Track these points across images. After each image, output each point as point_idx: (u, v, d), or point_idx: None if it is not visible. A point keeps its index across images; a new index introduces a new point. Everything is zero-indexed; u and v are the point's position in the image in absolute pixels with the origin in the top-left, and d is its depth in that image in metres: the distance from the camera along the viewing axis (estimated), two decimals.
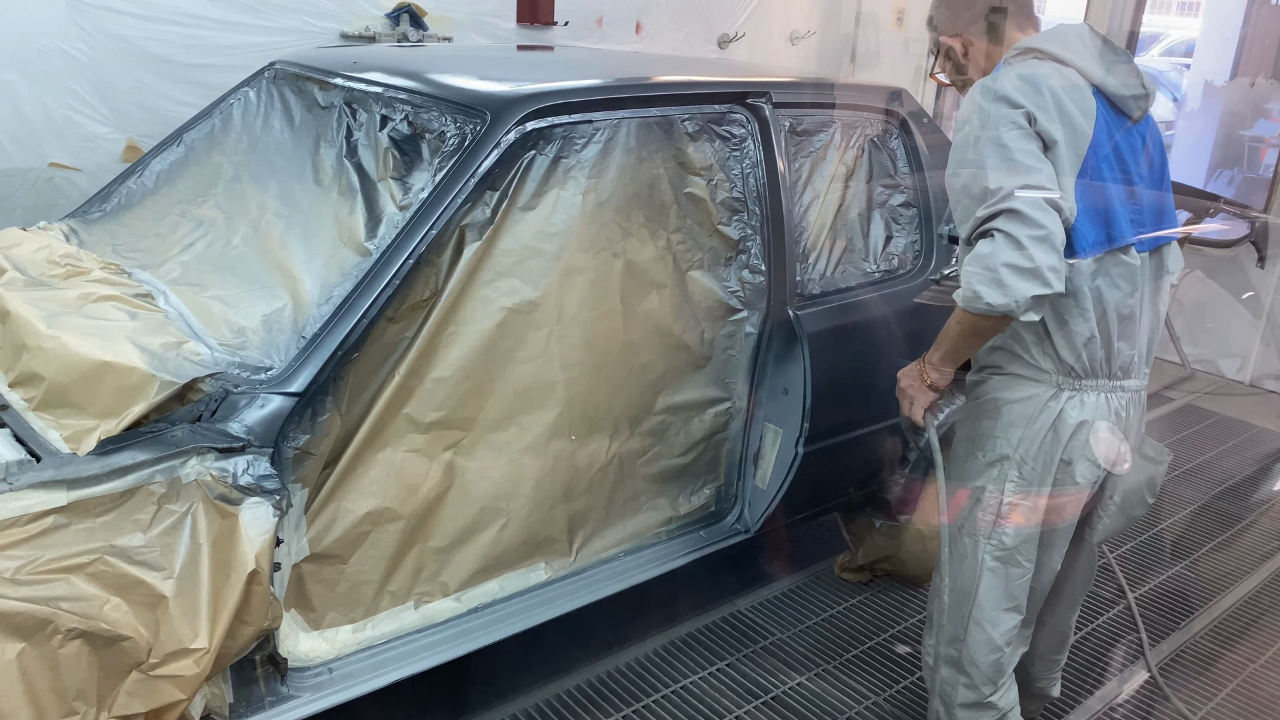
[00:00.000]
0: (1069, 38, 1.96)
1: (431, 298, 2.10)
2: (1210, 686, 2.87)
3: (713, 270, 2.55)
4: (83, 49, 3.59)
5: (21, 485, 1.59)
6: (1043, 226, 1.75)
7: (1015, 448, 2.03)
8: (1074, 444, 2.01)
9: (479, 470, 2.20)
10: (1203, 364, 5.30)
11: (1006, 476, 2.04)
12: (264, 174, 2.54)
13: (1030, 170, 1.80)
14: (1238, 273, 5.08)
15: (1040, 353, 1.99)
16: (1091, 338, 1.96)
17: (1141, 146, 2.01)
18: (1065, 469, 2.02)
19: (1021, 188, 1.78)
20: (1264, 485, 4.13)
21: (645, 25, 5.30)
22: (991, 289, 1.77)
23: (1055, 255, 1.77)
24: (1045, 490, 2.04)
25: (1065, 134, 1.87)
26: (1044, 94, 1.86)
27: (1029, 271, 1.75)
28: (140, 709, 1.63)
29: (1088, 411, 2.00)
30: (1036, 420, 2.01)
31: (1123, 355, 2.00)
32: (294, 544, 1.96)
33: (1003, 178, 1.80)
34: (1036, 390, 2.01)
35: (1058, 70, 1.91)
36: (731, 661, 2.82)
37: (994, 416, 2.06)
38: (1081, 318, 1.94)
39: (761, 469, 2.70)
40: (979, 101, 1.89)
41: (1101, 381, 2.01)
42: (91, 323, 2.05)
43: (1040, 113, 1.85)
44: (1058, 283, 1.77)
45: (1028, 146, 1.83)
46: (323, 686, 2.02)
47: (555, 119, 2.25)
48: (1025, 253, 1.75)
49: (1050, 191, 1.79)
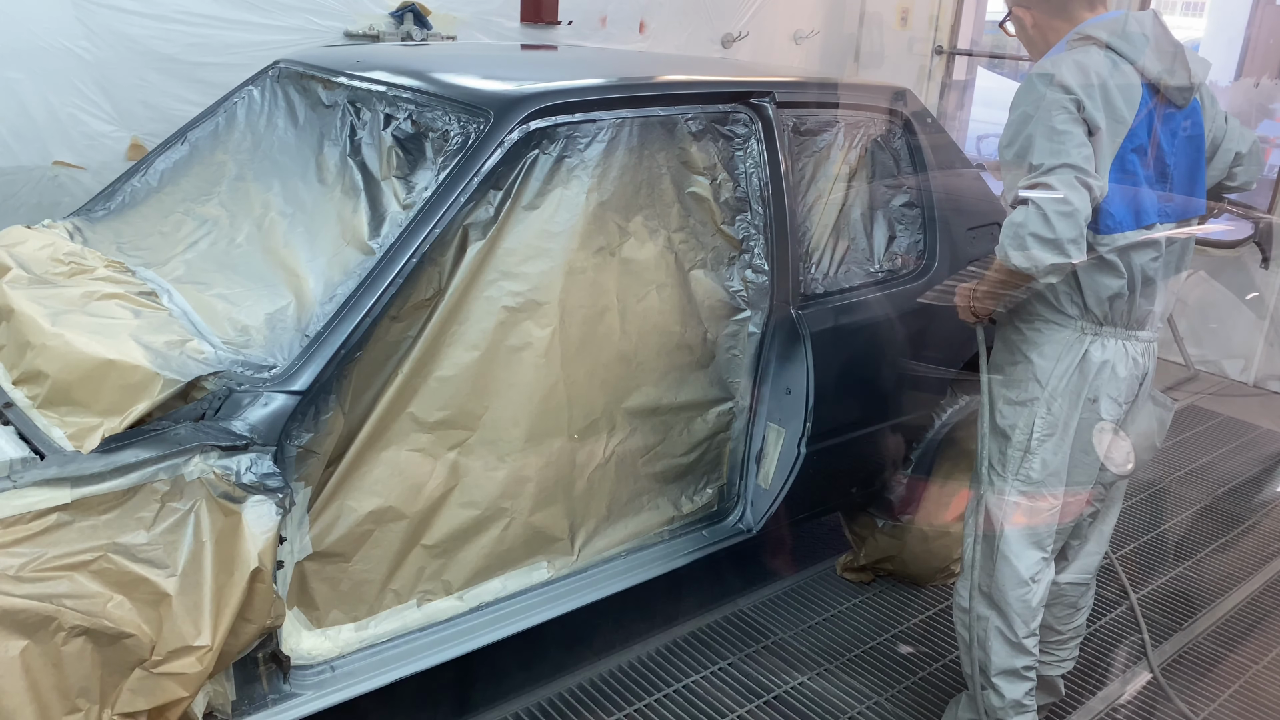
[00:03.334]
0: (1129, 28, 2.08)
1: (435, 297, 2.10)
2: (1213, 688, 2.86)
3: (716, 270, 2.55)
4: (88, 47, 3.59)
5: (25, 483, 1.60)
6: (1069, 203, 1.94)
7: (1045, 386, 2.20)
8: (1098, 382, 2.18)
9: (482, 469, 2.20)
10: (1206, 365, 5.29)
11: (1036, 414, 2.21)
12: (268, 172, 2.54)
13: (1070, 151, 1.97)
14: (1242, 273, 5.07)
15: (1069, 301, 2.17)
16: (1119, 294, 2.14)
17: (1181, 130, 2.16)
18: (1091, 406, 2.19)
19: (1061, 166, 1.96)
20: (1267, 486, 4.12)
21: (649, 24, 5.30)
22: (1017, 252, 1.98)
23: (1077, 230, 1.95)
24: (1072, 426, 2.20)
25: (1108, 123, 2.03)
26: (1094, 84, 2.02)
27: (1050, 242, 1.94)
28: (143, 706, 1.63)
29: (1109, 353, 2.17)
30: (1063, 360, 2.19)
31: (1141, 309, 2.18)
32: (297, 542, 1.97)
33: (1045, 155, 1.99)
34: (1063, 334, 2.19)
35: (1112, 61, 2.06)
36: (734, 661, 2.82)
37: (1025, 359, 2.23)
38: (1113, 278, 2.13)
39: (764, 468, 2.70)
40: (1037, 85, 2.04)
41: (1120, 330, 2.18)
42: (95, 321, 2.05)
43: (1089, 100, 2.01)
44: (1077, 254, 1.96)
45: (1073, 130, 1.99)
46: (325, 684, 2.02)
47: (559, 118, 2.26)
48: (1050, 225, 1.94)
49: (1085, 173, 1.97)
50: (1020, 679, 2.33)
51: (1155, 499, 3.93)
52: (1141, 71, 2.07)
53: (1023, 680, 2.34)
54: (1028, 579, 2.27)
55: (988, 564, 2.32)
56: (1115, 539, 3.56)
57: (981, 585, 2.34)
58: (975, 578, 2.34)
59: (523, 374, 2.22)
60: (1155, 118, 2.10)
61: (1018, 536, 2.27)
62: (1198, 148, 2.21)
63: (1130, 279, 2.13)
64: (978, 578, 2.34)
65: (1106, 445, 2.24)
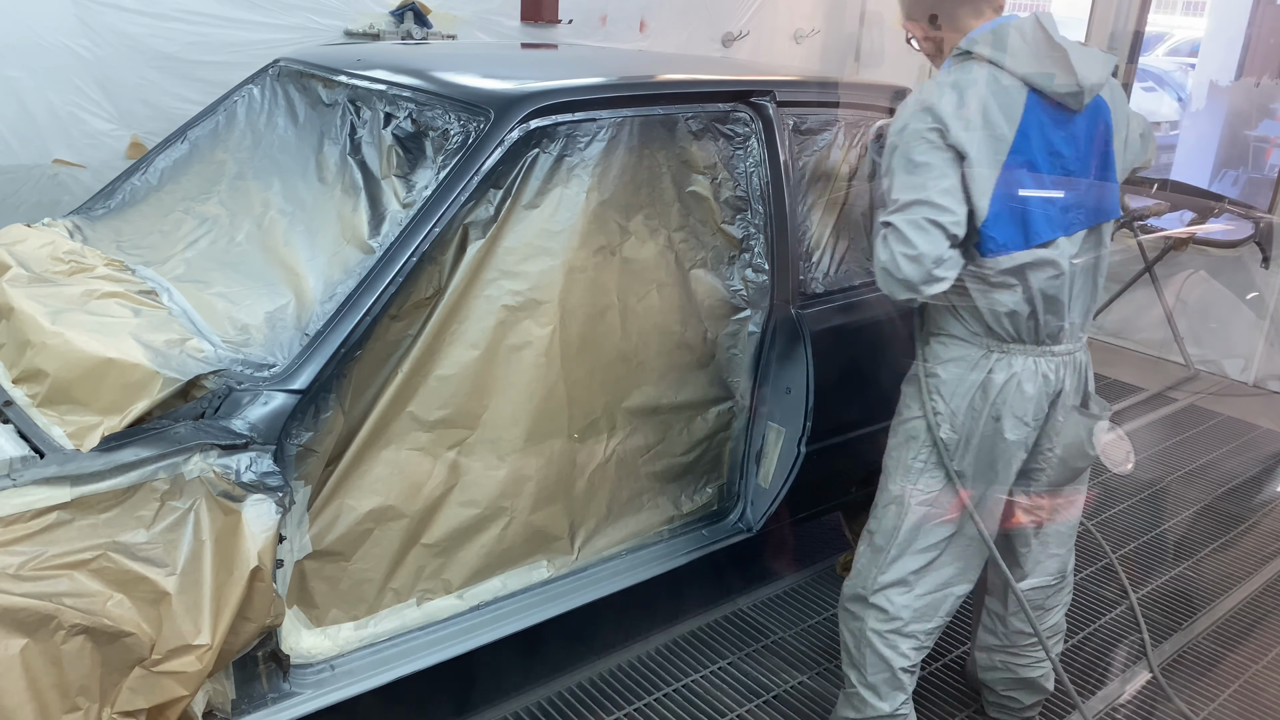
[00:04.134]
0: (1010, 38, 2.04)
1: (435, 296, 2.10)
2: (1212, 687, 2.87)
3: (716, 269, 2.55)
4: (88, 46, 3.59)
5: (25, 481, 1.60)
6: (915, 246, 1.97)
7: (948, 401, 2.19)
8: (1001, 400, 2.14)
9: (481, 468, 2.20)
10: (1206, 365, 5.29)
11: (940, 427, 2.19)
12: (268, 171, 2.54)
13: (927, 185, 1.98)
14: (1242, 273, 5.07)
15: (972, 317, 2.15)
16: (1015, 313, 2.10)
17: (1082, 135, 2.10)
18: (994, 425, 2.16)
19: (914, 203, 1.98)
20: (1267, 486, 4.12)
21: (649, 23, 5.30)
22: (879, 276, 2.05)
23: (924, 272, 1.97)
24: (973, 443, 2.18)
25: (985, 142, 2.00)
26: (969, 104, 2.00)
27: (901, 282, 2.00)
28: (143, 705, 1.63)
29: (1015, 371, 2.14)
30: (967, 377, 2.17)
31: (1049, 326, 2.13)
32: (296, 541, 1.97)
33: (901, 190, 2.01)
34: (967, 351, 2.17)
35: (992, 75, 2.02)
36: (733, 660, 2.82)
37: (930, 374, 2.23)
38: (1007, 298, 2.09)
39: (764, 468, 2.70)
40: (906, 110, 2.05)
41: (1028, 347, 2.14)
42: (95, 319, 2.05)
43: (957, 124, 1.98)
44: (930, 289, 2.00)
45: (933, 162, 1.99)
46: (325, 683, 2.02)
47: (559, 117, 2.25)
48: (898, 266, 1.99)
49: (939, 210, 1.97)
50: (894, 684, 2.30)
51: (1155, 499, 3.93)
52: (1025, 80, 2.02)
53: (896, 686, 2.30)
54: (906, 580, 2.26)
55: (870, 565, 2.31)
56: (1115, 539, 3.57)
57: (859, 587, 2.33)
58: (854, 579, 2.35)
59: (523, 373, 2.22)
60: (1047, 126, 2.04)
61: (904, 539, 2.25)
62: (1108, 148, 2.14)
63: (1029, 297, 2.08)
64: (857, 580, 2.34)
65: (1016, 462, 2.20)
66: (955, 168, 1.99)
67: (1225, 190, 5.87)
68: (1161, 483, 4.07)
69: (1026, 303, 2.09)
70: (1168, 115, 8.87)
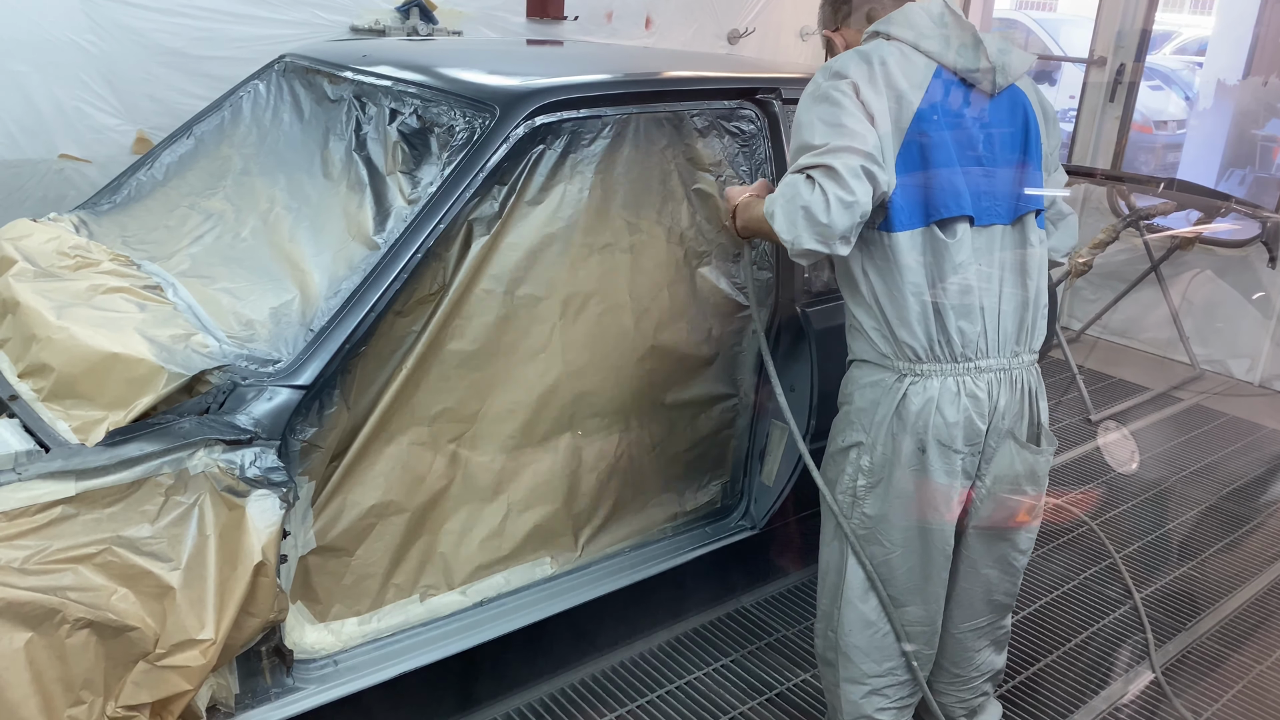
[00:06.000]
0: (915, 17, 1.97)
1: (439, 292, 2.10)
2: (1216, 688, 2.86)
3: (721, 266, 2.55)
4: (94, 41, 3.59)
5: (30, 475, 1.60)
6: (853, 193, 1.79)
7: (867, 432, 2.05)
8: (919, 427, 1.99)
9: (485, 465, 2.20)
10: (1212, 364, 5.28)
11: (860, 460, 2.07)
12: (273, 167, 2.55)
13: (856, 135, 1.83)
14: (1248, 273, 5.05)
15: (880, 337, 2.02)
16: (922, 313, 1.96)
17: (998, 121, 2.01)
18: (919, 459, 2.01)
19: (846, 149, 1.81)
20: (1272, 486, 4.11)
21: (655, 20, 5.29)
22: (785, 220, 1.83)
23: (851, 224, 1.81)
24: (898, 473, 2.03)
25: (889, 105, 1.89)
26: (873, 66, 1.90)
27: (822, 226, 1.80)
28: (146, 699, 1.64)
29: (932, 396, 1.98)
30: (881, 404, 2.03)
31: (965, 336, 1.97)
32: (300, 536, 1.97)
33: (829, 135, 1.84)
34: (881, 375, 2.03)
35: (899, 49, 1.95)
36: (736, 658, 2.82)
37: (849, 402, 2.11)
38: (911, 292, 1.95)
39: (768, 465, 2.70)
40: (817, 79, 1.94)
41: (946, 365, 1.98)
42: (100, 314, 2.05)
43: (865, 84, 1.88)
44: (841, 247, 1.83)
45: (855, 113, 1.86)
46: (328, 679, 2.02)
47: (564, 114, 2.25)
48: (828, 211, 1.78)
49: (872, 160, 1.82)
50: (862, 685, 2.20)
51: (1160, 498, 3.92)
52: (932, 56, 1.94)
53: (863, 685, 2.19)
54: (874, 619, 2.14)
55: (831, 608, 2.19)
56: (1120, 539, 3.56)
57: (829, 631, 2.22)
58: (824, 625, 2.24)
59: (526, 369, 2.22)
60: (957, 103, 1.95)
61: (859, 581, 2.12)
62: (1027, 137, 2.03)
63: (934, 294, 1.94)
64: (823, 621, 2.24)
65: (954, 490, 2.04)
66: (874, 130, 1.86)
67: (1232, 189, 5.85)
68: (1166, 482, 4.06)
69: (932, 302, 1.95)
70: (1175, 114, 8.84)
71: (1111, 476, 4.00)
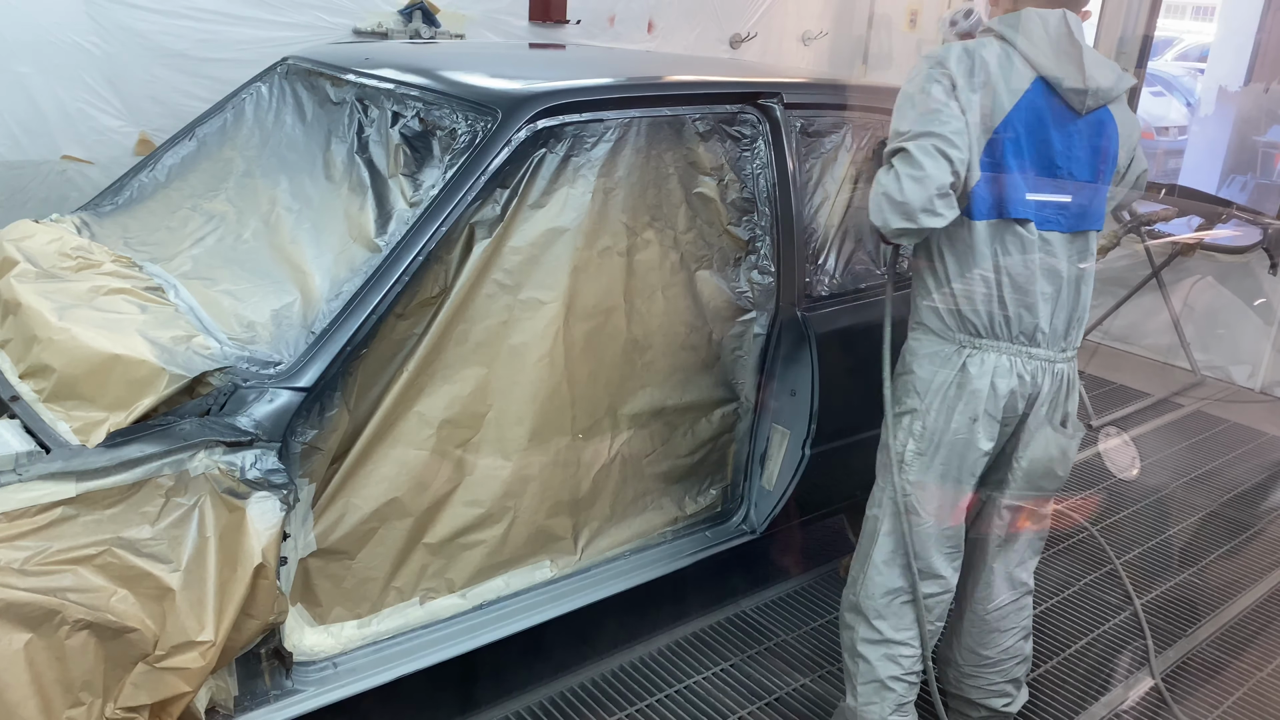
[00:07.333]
0: (1031, 27, 2.07)
1: (441, 295, 2.10)
2: (1217, 694, 2.86)
3: (722, 271, 2.55)
4: (97, 42, 3.60)
5: (31, 476, 1.60)
6: (922, 168, 1.96)
7: (923, 399, 2.20)
8: (975, 399, 2.14)
9: (486, 467, 2.20)
10: (1213, 370, 5.28)
11: (913, 425, 2.21)
12: (275, 169, 2.55)
13: (937, 120, 1.99)
14: (1249, 279, 5.05)
15: (947, 311, 2.16)
16: (988, 295, 2.12)
17: (1080, 140, 2.12)
18: (969, 427, 2.16)
19: (924, 134, 1.98)
20: (1273, 493, 4.11)
21: (657, 24, 5.30)
22: (873, 209, 2.04)
23: (925, 197, 1.96)
24: (945, 442, 2.18)
25: (982, 101, 2.03)
26: (974, 66, 2.04)
27: (900, 205, 1.98)
28: (146, 700, 1.64)
29: (989, 369, 2.14)
30: (940, 373, 2.18)
31: (1023, 321, 2.13)
32: (300, 538, 1.97)
33: (911, 123, 2.02)
34: (942, 347, 2.18)
35: (1004, 51, 2.07)
36: (736, 662, 2.82)
37: (909, 371, 2.24)
38: (980, 275, 2.12)
39: (768, 470, 2.70)
40: (920, 66, 2.10)
41: (1003, 344, 2.14)
42: (102, 315, 2.05)
43: (963, 77, 2.03)
44: (926, 220, 1.97)
45: (944, 101, 2.01)
46: (327, 681, 2.02)
47: (566, 117, 2.25)
48: (901, 188, 1.97)
49: (948, 142, 1.98)
50: (886, 690, 2.30)
51: (1160, 504, 3.92)
52: (1034, 66, 2.06)
53: (886, 696, 2.30)
54: (896, 588, 2.26)
55: (858, 571, 2.32)
56: (1120, 544, 3.56)
57: (851, 594, 2.34)
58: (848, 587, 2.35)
59: (527, 373, 2.22)
60: (1046, 116, 2.07)
61: (891, 546, 2.26)
62: (1103, 161, 2.16)
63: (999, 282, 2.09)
64: (850, 587, 2.35)
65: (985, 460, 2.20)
66: (961, 118, 2.01)
67: (1234, 196, 5.85)
68: (1167, 488, 4.06)
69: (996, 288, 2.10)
70: (1176, 120, 8.84)
71: (1112, 482, 3.99)
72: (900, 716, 2.32)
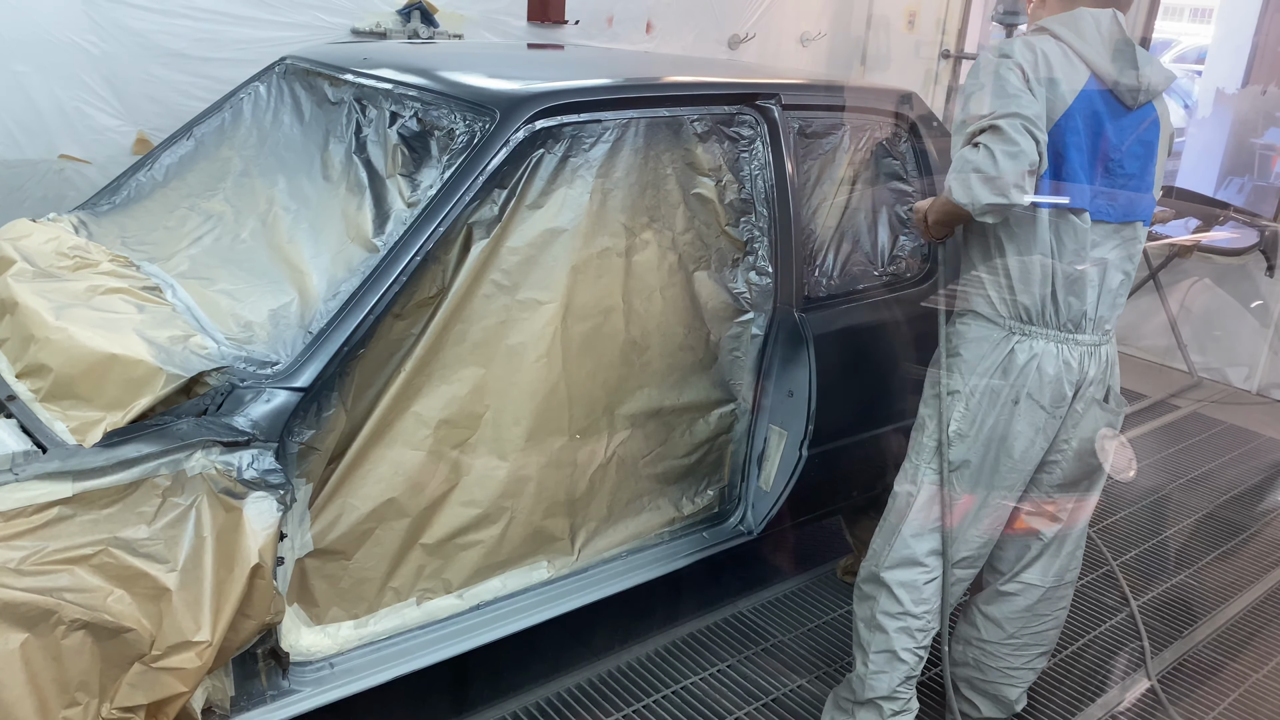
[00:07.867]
0: (1083, 24, 2.14)
1: (438, 295, 2.10)
2: (1212, 696, 2.86)
3: (719, 271, 2.55)
4: (95, 42, 3.60)
5: (27, 476, 1.60)
6: (1016, 144, 1.98)
7: (967, 380, 2.24)
8: (1020, 382, 2.20)
9: (483, 468, 2.20)
10: (1210, 372, 5.29)
11: (955, 408, 2.26)
12: (273, 169, 2.55)
13: (1019, 103, 2.02)
14: (1246, 281, 5.06)
15: (998, 297, 2.21)
16: (1043, 282, 2.17)
17: (1132, 133, 2.19)
18: (1010, 409, 2.21)
19: (1012, 114, 2.01)
20: (1269, 494, 4.12)
21: (656, 25, 5.30)
22: (959, 187, 2.03)
23: (1019, 172, 1.98)
24: (988, 425, 2.23)
25: (1046, 94, 2.08)
26: (1037, 56, 2.09)
27: (992, 180, 1.99)
28: (142, 700, 1.63)
29: (1036, 353, 2.19)
30: (988, 357, 2.23)
31: (1072, 309, 2.19)
32: (297, 539, 1.97)
33: (995, 104, 2.05)
34: (990, 331, 2.23)
35: (1061, 49, 2.13)
36: (733, 663, 2.82)
37: (955, 354, 2.29)
38: (1036, 263, 2.16)
39: (765, 471, 2.70)
40: (987, 58, 2.13)
41: (1051, 331, 2.20)
42: (99, 315, 2.05)
43: (1030, 70, 2.08)
44: (1017, 196, 2.00)
45: (1021, 85, 2.06)
46: (324, 681, 2.02)
47: (564, 118, 2.26)
48: (995, 163, 1.99)
49: (1034, 124, 2.02)
50: (898, 661, 2.35)
51: (1157, 506, 3.92)
52: (1089, 65, 2.12)
53: (898, 667, 2.35)
54: (921, 563, 2.32)
55: (884, 547, 2.37)
56: (1117, 546, 3.56)
57: (873, 565, 2.39)
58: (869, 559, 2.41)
59: (525, 373, 2.22)
60: (1101, 110, 2.13)
61: (920, 520, 2.31)
62: (1150, 154, 2.22)
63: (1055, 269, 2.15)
64: (871, 559, 2.41)
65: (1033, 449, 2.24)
66: (1039, 104, 2.05)
67: (1231, 198, 5.86)
68: (1163, 490, 4.06)
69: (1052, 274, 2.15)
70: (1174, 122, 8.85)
71: (1108, 484, 4.00)
72: (906, 689, 2.38)
